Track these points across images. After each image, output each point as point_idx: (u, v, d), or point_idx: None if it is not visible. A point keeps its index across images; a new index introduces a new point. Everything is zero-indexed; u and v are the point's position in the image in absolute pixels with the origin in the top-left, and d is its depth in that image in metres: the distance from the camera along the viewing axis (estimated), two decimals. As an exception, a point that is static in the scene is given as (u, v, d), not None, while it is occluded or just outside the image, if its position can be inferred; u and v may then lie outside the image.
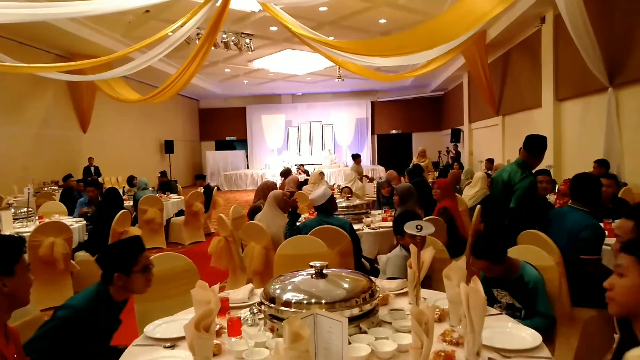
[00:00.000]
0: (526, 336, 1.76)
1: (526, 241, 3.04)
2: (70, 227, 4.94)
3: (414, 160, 10.03)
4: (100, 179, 11.75)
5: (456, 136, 16.45)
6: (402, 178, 7.83)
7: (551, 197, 5.77)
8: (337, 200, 4.96)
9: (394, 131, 21.97)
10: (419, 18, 10.04)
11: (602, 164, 6.41)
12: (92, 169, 12.47)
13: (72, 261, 4.80)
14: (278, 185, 7.79)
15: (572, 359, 2.58)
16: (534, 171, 3.86)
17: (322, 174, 9.01)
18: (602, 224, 3.27)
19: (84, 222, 5.58)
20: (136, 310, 2.51)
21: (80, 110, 12.63)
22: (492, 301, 2.45)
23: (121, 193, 8.00)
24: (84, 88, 12.05)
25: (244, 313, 2.10)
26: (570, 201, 3.26)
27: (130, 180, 9.55)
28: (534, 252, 2.64)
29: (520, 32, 10.29)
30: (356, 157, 11.03)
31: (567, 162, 8.87)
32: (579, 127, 8.50)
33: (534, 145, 3.60)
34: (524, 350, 1.65)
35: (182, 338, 1.79)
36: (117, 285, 2.08)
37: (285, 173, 9.20)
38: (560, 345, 2.54)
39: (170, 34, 7.76)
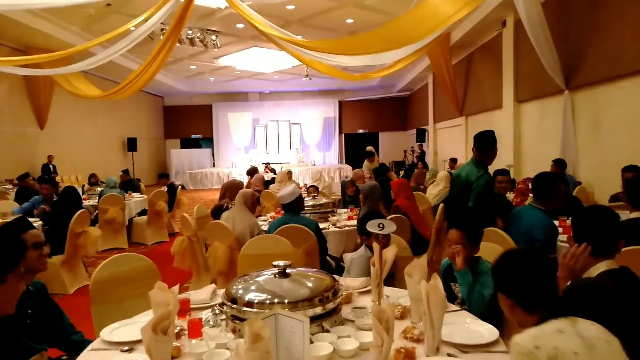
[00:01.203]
0: (484, 331, 1.80)
1: (485, 239, 3.11)
2: (25, 227, 4.74)
3: (366, 164, 9.89)
4: (58, 178, 11.34)
5: (421, 136, 16.75)
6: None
7: (510, 196, 5.95)
8: (298, 197, 4.97)
9: (361, 130, 22.16)
10: (386, 19, 10.15)
11: (558, 164, 6.68)
12: (52, 167, 12.00)
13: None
14: (245, 184, 7.72)
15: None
16: (495, 169, 3.96)
17: (289, 172, 8.99)
18: (557, 222, 3.40)
19: (40, 222, 5.36)
20: (93, 313, 2.43)
21: (37, 106, 12.12)
22: (450, 295, 2.49)
23: (80, 192, 7.75)
24: (41, 83, 11.57)
25: (206, 314, 2.07)
26: (527, 199, 3.39)
27: (91, 179, 9.25)
28: (492, 250, 2.71)
29: (482, 35, 10.57)
30: (370, 155, 10.76)
31: (526, 162, 9.18)
32: (537, 128, 8.80)
33: (482, 142, 3.64)
34: (481, 345, 1.69)
35: (140, 341, 1.75)
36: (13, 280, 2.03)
37: (252, 172, 9.13)
38: (517, 339, 2.61)
39: (133, 28, 7.55)
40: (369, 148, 10.77)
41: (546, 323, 1.32)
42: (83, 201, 7.17)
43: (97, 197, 7.39)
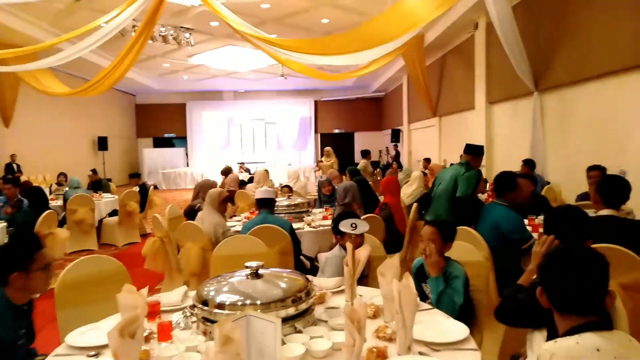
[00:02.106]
0: (455, 329, 1.82)
1: (458, 238, 3.17)
2: (-12, 229, 4.58)
3: (323, 160, 9.98)
4: (23, 177, 10.96)
5: (396, 136, 16.90)
6: (343, 177, 7.93)
7: (483, 197, 6.07)
8: (278, 199, 4.95)
9: (336, 130, 22.22)
10: (361, 19, 10.20)
11: (528, 164, 6.84)
12: (15, 166, 11.60)
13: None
14: (219, 184, 7.63)
15: (498, 349, 2.72)
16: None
17: (267, 172, 8.93)
18: (526, 221, 3.49)
19: (4, 223, 5.17)
20: (58, 318, 2.36)
21: (2, 103, 11.68)
22: (422, 295, 2.52)
23: (48, 192, 7.53)
24: (6, 79, 11.15)
25: (177, 317, 2.03)
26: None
27: (59, 178, 8.98)
28: (465, 248, 2.76)
29: (455, 37, 10.74)
30: (366, 154, 10.85)
31: (498, 162, 9.37)
32: (508, 128, 8.99)
33: (475, 149, 4.17)
34: (452, 342, 1.71)
35: (107, 346, 1.70)
36: (14, 286, 1.95)
37: (226, 171, 9.03)
38: (487, 336, 2.67)
39: (104, 24, 7.36)
40: (328, 149, 10.92)
41: (582, 335, 1.26)
42: (50, 202, 6.97)
43: (63, 199, 7.18)
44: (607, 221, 2.78)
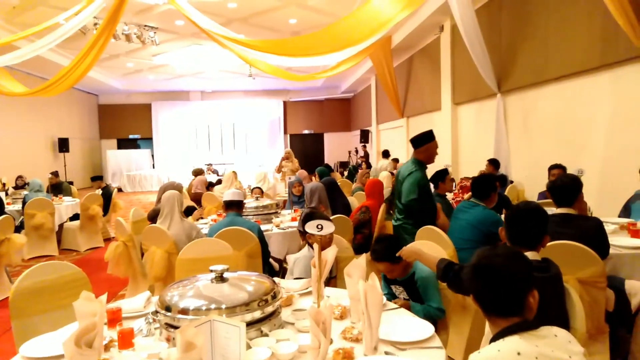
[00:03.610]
0: (420, 328, 1.84)
1: (423, 237, 3.22)
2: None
3: (282, 164, 9.71)
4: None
5: (365, 137, 17.03)
6: (312, 177, 7.93)
7: (449, 195, 6.17)
8: (246, 200, 4.89)
9: (306, 131, 22.22)
10: (329, 20, 10.23)
11: (493, 163, 7.02)
12: (-30, 169, 11.05)
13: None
14: (186, 186, 7.49)
15: (464, 346, 2.77)
16: (435, 169, 4.11)
17: (234, 173, 8.83)
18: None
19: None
20: (14, 328, 2.25)
21: (-46, 103, 11.13)
22: (393, 297, 2.55)
23: (4, 195, 7.21)
24: (-42, 78, 10.62)
25: (139, 323, 1.97)
26: (470, 196, 3.56)
27: (17, 181, 8.61)
28: (429, 247, 2.79)
29: (422, 39, 10.91)
30: (387, 154, 10.42)
31: (464, 161, 9.58)
32: (473, 129, 9.21)
33: (415, 141, 3.83)
34: (417, 341, 1.73)
35: (63, 356, 1.63)
36: None
37: (197, 172, 8.87)
38: (453, 332, 2.71)
39: (63, 22, 7.12)
40: (288, 150, 10.37)
41: (505, 340, 1.26)
42: (7, 206, 6.68)
43: (22, 202, 6.89)
44: (562, 218, 2.87)
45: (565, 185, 2.94)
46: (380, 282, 2.18)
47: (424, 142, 3.80)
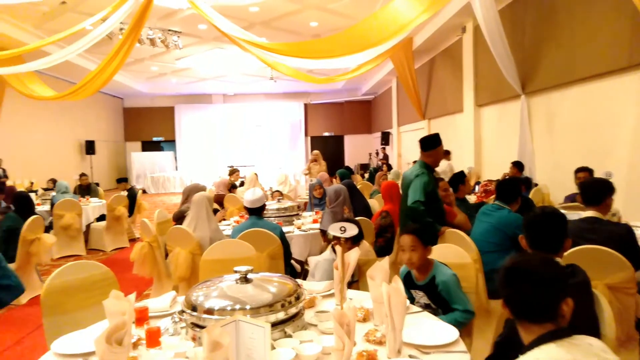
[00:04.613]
0: (444, 332, 1.83)
1: (447, 240, 3.19)
2: (-28, 235, 4.50)
3: (310, 166, 9.60)
4: (9, 182, 10.82)
5: (385, 139, 16.96)
6: (333, 179, 7.94)
7: (472, 198, 6.10)
8: (267, 203, 4.93)
9: (326, 133, 22.25)
10: (350, 22, 10.24)
11: (517, 166, 6.91)
12: (1, 171, 11.42)
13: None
14: (209, 188, 7.57)
15: (488, 351, 2.73)
16: (455, 171, 4.06)
17: (256, 175, 8.91)
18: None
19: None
20: (45, 325, 2.32)
21: (-13, 107, 11.52)
22: (412, 301, 2.53)
23: (34, 196, 7.43)
24: (-9, 83, 11.01)
25: (165, 322, 2.01)
26: (494, 198, 3.51)
27: (48, 183, 8.87)
28: (453, 250, 2.77)
29: (443, 40, 10.82)
30: (446, 153, 10.01)
31: (486, 164, 9.45)
32: (496, 131, 9.08)
33: (423, 144, 3.80)
34: (442, 345, 1.72)
35: (94, 353, 1.68)
36: None
37: (233, 172, 8.93)
38: (477, 337, 2.68)
39: (90, 27, 7.30)
40: (316, 152, 10.25)
41: (542, 349, 1.24)
42: (37, 207, 6.88)
43: (50, 203, 7.09)
44: (590, 223, 2.82)
45: (596, 184, 2.92)
46: None
47: (434, 146, 3.78)
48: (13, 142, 12.63)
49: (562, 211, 2.11)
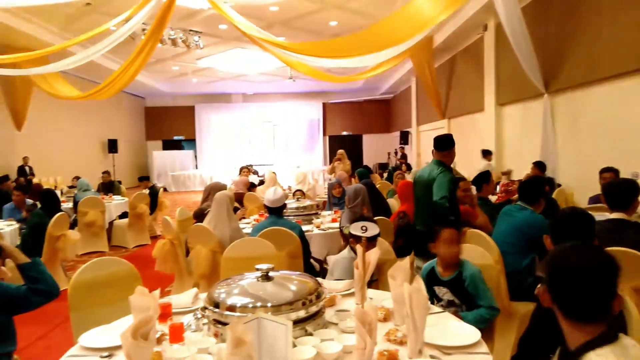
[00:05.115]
0: (466, 333, 1.81)
1: (469, 240, 3.16)
2: (1, 231, 4.63)
3: (334, 165, 9.52)
4: (35, 180, 11.11)
5: (405, 138, 16.86)
6: (352, 179, 7.93)
7: (493, 198, 6.02)
8: (287, 201, 4.95)
9: (345, 132, 22.23)
10: (369, 21, 10.20)
11: (539, 166, 6.79)
12: (27, 168, 11.75)
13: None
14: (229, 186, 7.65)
15: (510, 353, 2.70)
16: (479, 172, 4.00)
17: (274, 174, 8.96)
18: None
19: (16, 225, 5.24)
20: (72, 319, 2.38)
21: (14, 107, 11.84)
22: (434, 298, 2.51)
23: (59, 194, 7.60)
24: (18, 83, 11.32)
25: (188, 318, 2.04)
26: (517, 199, 3.46)
27: (73, 181, 9.09)
28: (475, 251, 2.75)
29: (464, 38, 10.70)
30: (488, 153, 9.56)
31: (508, 164, 9.31)
32: (518, 130, 8.94)
33: (441, 144, 3.79)
34: (463, 346, 1.70)
35: (120, 347, 1.71)
36: None
37: (242, 170, 9.01)
38: (499, 339, 2.65)
39: (114, 28, 7.45)
40: (341, 152, 10.07)
41: (598, 353, 1.16)
42: (62, 204, 7.04)
43: (73, 201, 7.26)
44: (616, 224, 2.75)
45: (621, 187, 2.82)
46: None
47: (451, 146, 3.79)
48: (39, 141, 12.96)
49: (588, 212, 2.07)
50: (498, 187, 6.67)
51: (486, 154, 9.42)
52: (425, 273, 2.55)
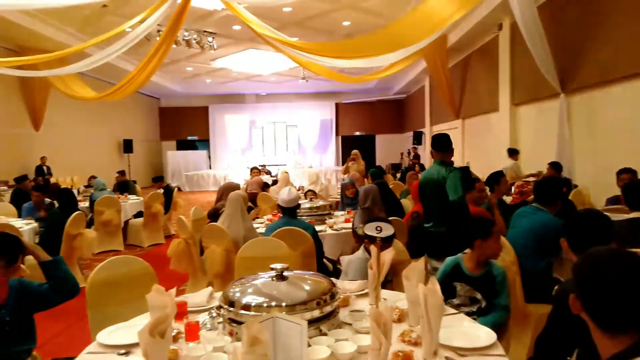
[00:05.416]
0: (481, 335, 1.80)
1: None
2: (20, 229, 4.71)
3: (349, 165, 9.48)
4: (52, 179, 11.30)
5: (418, 138, 16.77)
6: (365, 179, 7.92)
7: (508, 199, 5.96)
8: (300, 201, 4.96)
9: (357, 133, 22.19)
10: (383, 21, 10.18)
11: (555, 167, 6.71)
12: (45, 168, 11.95)
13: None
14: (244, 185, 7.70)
15: (525, 355, 2.67)
16: (491, 172, 3.96)
17: (287, 174, 8.99)
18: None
19: (35, 224, 5.33)
20: (89, 316, 2.42)
21: (32, 108, 12.07)
22: (451, 294, 2.49)
23: (76, 193, 7.72)
24: (37, 84, 11.52)
25: (203, 317, 2.06)
26: (532, 200, 3.41)
27: (90, 180, 9.23)
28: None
29: (479, 38, 10.61)
30: (514, 153, 9.06)
31: (523, 165, 9.20)
32: (533, 131, 8.84)
33: (442, 145, 3.80)
34: (479, 348, 1.69)
35: (137, 344, 1.74)
36: None
37: (252, 170, 9.04)
38: (514, 341, 2.63)
39: (129, 30, 7.54)
40: (355, 152, 9.95)
41: None
42: (79, 203, 7.15)
43: (89, 200, 7.37)
44: (635, 224, 2.71)
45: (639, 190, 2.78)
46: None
47: (450, 146, 3.82)
48: (56, 141, 13.18)
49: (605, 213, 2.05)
50: (513, 188, 6.61)
51: (512, 153, 9.11)
52: (450, 268, 2.54)
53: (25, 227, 5.12)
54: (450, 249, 2.72)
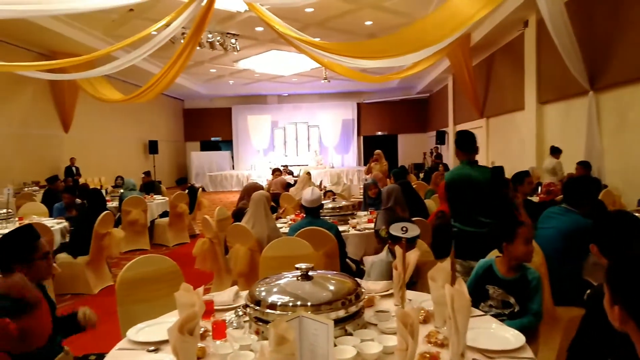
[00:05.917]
0: (509, 337, 1.77)
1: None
2: (51, 228, 4.85)
3: (371, 165, 9.40)
4: (81, 179, 11.60)
5: (441, 138, 16.59)
6: (388, 180, 7.87)
7: (535, 198, 5.85)
8: (322, 202, 4.97)
9: (379, 133, 22.08)
10: (405, 20, 10.11)
11: (584, 166, 6.54)
12: (74, 169, 12.28)
13: (54, 264, 4.70)
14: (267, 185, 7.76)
15: (554, 359, 2.61)
16: (517, 171, 3.90)
17: (309, 175, 9.01)
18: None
19: (65, 223, 5.49)
20: (119, 313, 2.47)
21: (62, 110, 12.42)
22: (484, 297, 2.46)
23: (104, 194, 7.90)
24: (66, 87, 11.86)
25: (229, 316, 2.08)
26: (561, 199, 3.32)
27: (117, 181, 9.44)
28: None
29: (503, 35, 10.43)
30: (556, 152, 8.23)
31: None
32: (561, 129, 8.63)
33: (469, 145, 3.74)
34: (507, 350, 1.67)
35: (166, 341, 1.77)
36: None
37: (274, 171, 9.10)
38: (543, 344, 2.58)
39: (155, 33, 7.68)
40: (378, 152, 9.93)
41: None
42: (107, 203, 7.32)
43: (119, 200, 7.53)
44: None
45: None
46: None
47: (476, 146, 3.78)
48: (84, 142, 13.53)
49: (637, 214, 1.99)
50: (540, 188, 6.47)
51: (555, 151, 8.53)
52: (482, 271, 2.49)
53: (57, 226, 5.27)
54: (478, 249, 2.69)
